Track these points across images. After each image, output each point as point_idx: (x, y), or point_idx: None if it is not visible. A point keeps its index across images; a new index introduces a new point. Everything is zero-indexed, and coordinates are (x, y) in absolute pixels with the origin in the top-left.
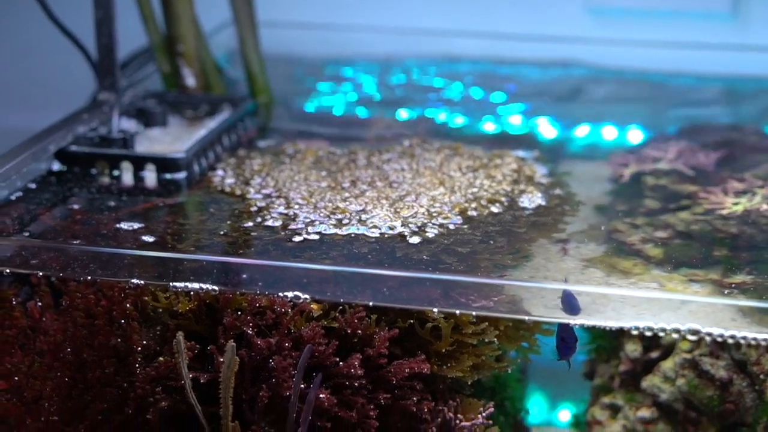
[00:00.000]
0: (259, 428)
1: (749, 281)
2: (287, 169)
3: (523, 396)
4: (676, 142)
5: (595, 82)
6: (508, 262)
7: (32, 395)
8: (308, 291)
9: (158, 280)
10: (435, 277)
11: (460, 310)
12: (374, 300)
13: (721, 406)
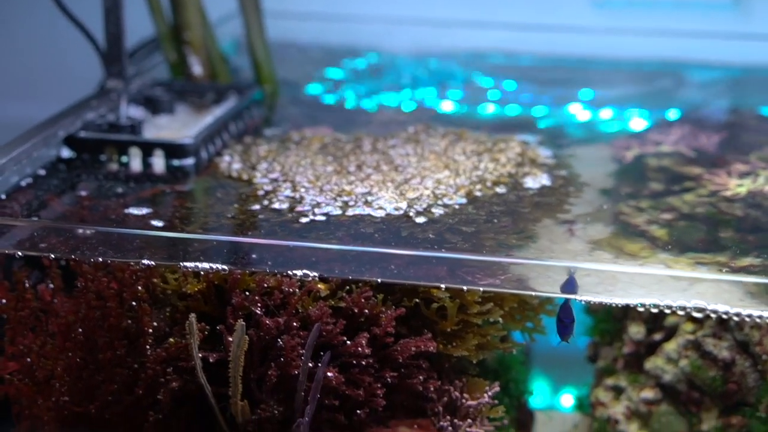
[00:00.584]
0: (267, 407)
1: (757, 264)
2: (293, 154)
3: (526, 378)
4: (678, 126)
5: (596, 71)
6: (512, 241)
7: (44, 375)
8: (316, 269)
9: (168, 260)
10: (440, 255)
11: (467, 287)
12: (382, 277)
13: (723, 387)
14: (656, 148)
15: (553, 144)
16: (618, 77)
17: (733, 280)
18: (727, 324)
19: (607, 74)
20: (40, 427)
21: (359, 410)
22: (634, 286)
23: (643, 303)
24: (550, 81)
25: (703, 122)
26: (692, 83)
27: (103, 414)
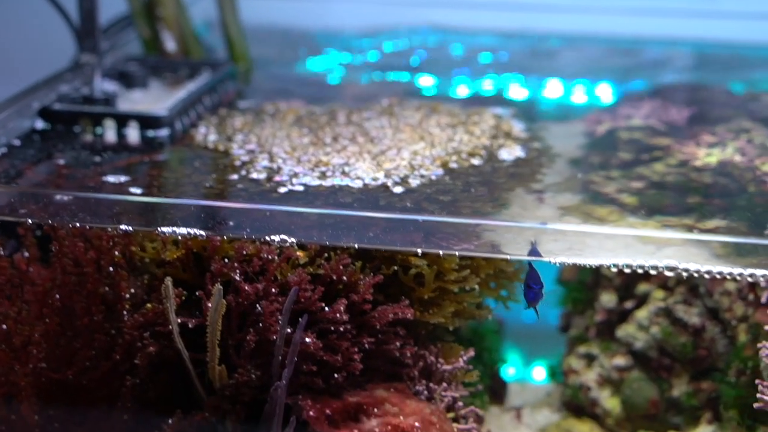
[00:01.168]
0: (245, 371)
1: (723, 226)
2: (269, 126)
3: (499, 348)
4: (649, 101)
5: (565, 48)
6: (488, 209)
7: (20, 341)
8: (295, 236)
9: (146, 226)
10: (415, 218)
11: (443, 251)
12: (359, 243)
13: (694, 353)
14: (627, 121)
15: (526, 117)
16: (587, 53)
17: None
18: (697, 291)
19: (576, 50)
20: (16, 394)
21: (336, 374)
22: (603, 251)
23: (616, 263)
24: (520, 58)
25: (673, 97)
26: (658, 60)
27: (80, 380)
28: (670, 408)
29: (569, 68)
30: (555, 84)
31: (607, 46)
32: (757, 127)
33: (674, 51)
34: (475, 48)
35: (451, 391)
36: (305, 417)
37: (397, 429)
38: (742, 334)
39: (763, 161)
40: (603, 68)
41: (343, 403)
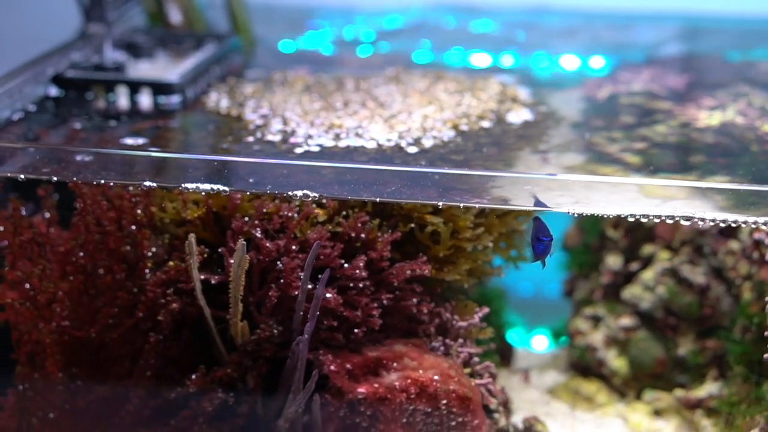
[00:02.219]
0: (267, 327)
1: (726, 182)
2: (279, 93)
3: (505, 309)
4: (647, 69)
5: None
6: (499, 168)
7: (45, 299)
8: (316, 191)
9: (170, 182)
10: (432, 170)
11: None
12: (379, 197)
13: (699, 311)
14: (627, 87)
15: (529, 84)
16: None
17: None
18: (702, 251)
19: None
20: (40, 352)
21: (356, 330)
22: (609, 204)
23: (633, 213)
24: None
25: (670, 66)
26: (650, 32)
27: (103, 338)
28: (676, 366)
29: (564, 42)
30: (550, 57)
31: (600, 21)
32: (755, 92)
33: (666, 25)
34: (467, 23)
35: (467, 347)
36: (326, 372)
37: (416, 382)
38: (746, 291)
39: (763, 122)
40: (596, 42)
41: (363, 358)
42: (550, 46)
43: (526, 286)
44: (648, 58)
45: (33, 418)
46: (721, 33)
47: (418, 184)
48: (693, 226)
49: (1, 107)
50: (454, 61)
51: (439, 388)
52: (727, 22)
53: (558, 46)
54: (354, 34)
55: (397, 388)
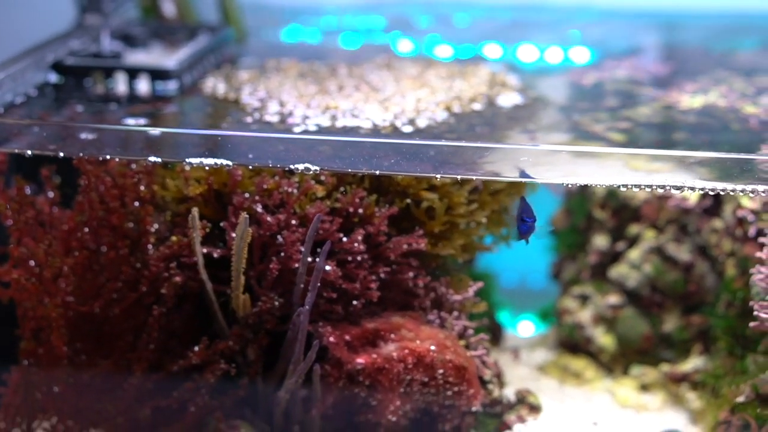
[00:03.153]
0: (268, 299)
1: (709, 157)
2: (275, 78)
3: (494, 290)
4: (629, 58)
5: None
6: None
7: (51, 274)
8: (317, 164)
9: (174, 158)
10: (429, 143)
11: (460, 175)
12: (379, 169)
13: (684, 288)
14: (612, 74)
15: (517, 72)
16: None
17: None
18: (686, 229)
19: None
20: (45, 327)
21: (355, 302)
22: (595, 176)
23: (625, 183)
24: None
25: (653, 55)
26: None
27: (107, 312)
28: (662, 342)
29: (544, 33)
30: (533, 48)
31: (585, 17)
32: (736, 77)
33: (649, 22)
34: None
35: (461, 320)
36: (325, 343)
37: (413, 352)
38: (730, 268)
39: (744, 104)
40: (581, 36)
41: (361, 329)
42: (536, 39)
43: (512, 276)
44: (631, 50)
45: (37, 393)
46: (701, 28)
47: (416, 158)
48: (678, 204)
49: (5, 90)
50: (441, 54)
51: (435, 358)
52: (706, 18)
53: (544, 38)
54: (341, 28)
55: (395, 359)
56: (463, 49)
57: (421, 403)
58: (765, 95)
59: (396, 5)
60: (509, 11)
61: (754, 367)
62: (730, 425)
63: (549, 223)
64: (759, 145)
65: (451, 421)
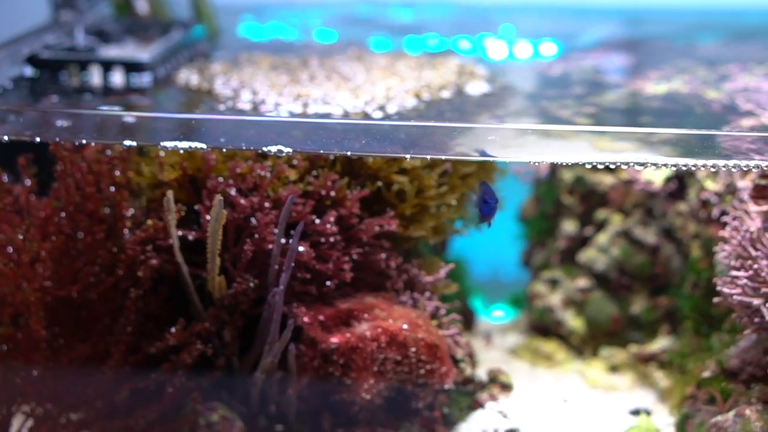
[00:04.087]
0: (243, 280)
1: (674, 135)
2: (247, 70)
3: (466, 277)
4: (594, 51)
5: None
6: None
7: (29, 258)
8: (290, 145)
9: (148, 141)
10: (398, 123)
11: (431, 156)
12: (351, 150)
13: (651, 270)
14: (578, 65)
15: (484, 63)
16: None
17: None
18: (652, 213)
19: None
20: (24, 312)
21: (328, 282)
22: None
23: (604, 161)
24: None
25: (617, 48)
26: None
27: (84, 296)
28: (630, 324)
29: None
30: (501, 43)
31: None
32: (698, 67)
33: (614, 18)
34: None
35: (433, 301)
36: (300, 323)
37: (386, 331)
38: (695, 249)
39: (706, 89)
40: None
41: (335, 309)
42: (504, 33)
43: (484, 269)
44: (597, 43)
45: (17, 378)
46: (664, 23)
47: (386, 139)
48: (644, 188)
49: None
50: (411, 47)
51: (408, 336)
52: (669, 14)
53: (512, 33)
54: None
55: (368, 338)
56: (434, 41)
57: (394, 381)
58: (726, 82)
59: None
60: (482, 9)
61: (719, 344)
62: (696, 400)
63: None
64: (722, 127)
65: (424, 399)
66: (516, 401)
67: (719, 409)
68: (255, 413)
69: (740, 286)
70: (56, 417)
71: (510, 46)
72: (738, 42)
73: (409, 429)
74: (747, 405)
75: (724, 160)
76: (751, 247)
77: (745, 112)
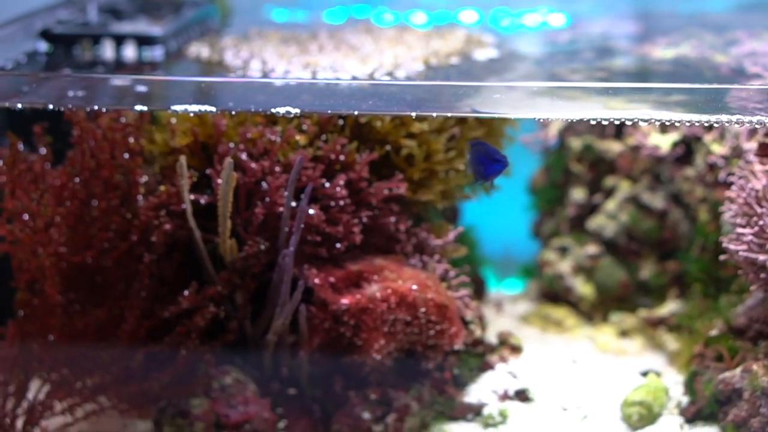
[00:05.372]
0: (254, 243)
1: (684, 97)
2: (257, 43)
3: (477, 246)
4: (602, 20)
5: None
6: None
7: (44, 223)
8: (299, 107)
9: (160, 105)
10: (405, 83)
11: (437, 113)
12: (359, 109)
13: (659, 235)
14: (587, 32)
15: (492, 33)
16: None
17: None
18: (660, 178)
19: None
20: (39, 278)
21: (339, 245)
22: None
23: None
24: None
25: (625, 16)
26: None
27: (99, 262)
28: (639, 289)
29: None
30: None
31: None
32: (705, 33)
33: None
34: None
35: (443, 264)
36: (310, 285)
37: (396, 292)
38: (703, 213)
39: (714, 54)
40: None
41: (345, 271)
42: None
43: (496, 246)
44: (605, 13)
45: (33, 344)
46: None
47: (393, 99)
48: (651, 153)
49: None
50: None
51: (417, 297)
52: None
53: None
54: None
55: (378, 298)
56: (440, 15)
57: (405, 342)
58: (734, 46)
59: None
60: None
61: (727, 305)
62: (704, 358)
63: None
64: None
65: (434, 360)
66: (526, 363)
67: (727, 366)
68: (268, 376)
69: (746, 242)
70: (72, 382)
71: (518, 17)
72: (747, 11)
73: (419, 390)
74: (754, 361)
75: (729, 115)
76: (756, 205)
77: (752, 74)
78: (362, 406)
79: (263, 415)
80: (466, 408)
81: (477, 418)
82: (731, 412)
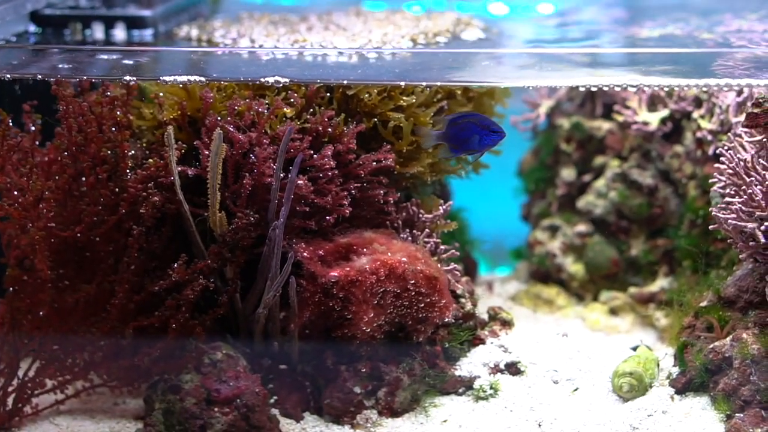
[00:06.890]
0: (244, 215)
1: (670, 68)
2: (247, 24)
3: (468, 228)
4: (589, 8)
5: None
6: (455, 66)
7: (33, 197)
8: (287, 75)
9: (149, 77)
10: (393, 49)
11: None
12: (347, 79)
13: (649, 212)
14: (574, 18)
15: (481, 18)
16: None
17: None
18: (649, 155)
19: None
20: (29, 254)
21: (328, 217)
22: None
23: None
24: None
25: (612, 3)
26: None
27: (88, 236)
28: (629, 267)
29: None
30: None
31: None
32: (691, 17)
33: None
34: None
35: (433, 238)
36: (299, 258)
37: (385, 264)
38: (692, 189)
39: (700, 33)
40: None
41: (334, 244)
42: None
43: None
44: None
45: (23, 320)
46: None
47: (382, 68)
48: (640, 128)
49: None
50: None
51: (407, 269)
52: None
53: None
54: None
55: (368, 271)
56: None
57: (395, 315)
58: (720, 26)
59: None
60: None
61: (717, 279)
62: (694, 329)
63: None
64: (716, 58)
65: (425, 333)
66: (517, 338)
67: (717, 336)
68: (259, 352)
69: (734, 210)
70: (63, 359)
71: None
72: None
73: (410, 364)
74: (744, 329)
75: (716, 79)
76: (745, 175)
77: (738, 46)
78: (353, 380)
79: (254, 390)
80: (458, 381)
81: (468, 392)
82: (721, 381)
